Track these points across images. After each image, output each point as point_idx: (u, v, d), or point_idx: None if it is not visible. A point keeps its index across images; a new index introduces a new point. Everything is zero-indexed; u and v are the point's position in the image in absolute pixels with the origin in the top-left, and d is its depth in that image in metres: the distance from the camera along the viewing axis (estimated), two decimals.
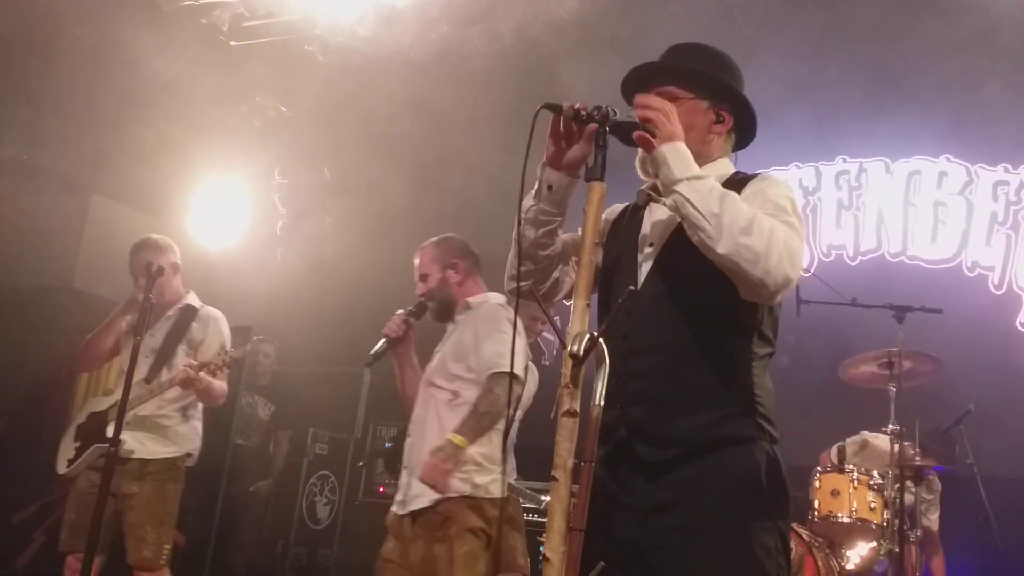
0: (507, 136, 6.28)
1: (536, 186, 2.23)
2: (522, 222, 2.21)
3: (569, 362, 1.93)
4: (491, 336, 3.50)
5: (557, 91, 5.61)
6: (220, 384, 4.39)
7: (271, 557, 6.01)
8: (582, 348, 1.91)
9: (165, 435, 4.33)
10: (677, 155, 2.04)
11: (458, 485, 3.38)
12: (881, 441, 5.09)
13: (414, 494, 3.41)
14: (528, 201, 2.22)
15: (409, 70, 6.17)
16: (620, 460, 2.12)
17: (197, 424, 4.52)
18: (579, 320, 1.97)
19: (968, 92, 6.07)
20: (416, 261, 3.82)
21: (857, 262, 6.84)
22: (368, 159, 6.69)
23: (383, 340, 3.63)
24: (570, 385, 1.92)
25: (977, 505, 4.83)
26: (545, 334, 6.02)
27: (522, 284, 2.27)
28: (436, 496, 3.36)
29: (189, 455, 4.42)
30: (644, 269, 2.15)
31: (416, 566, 3.39)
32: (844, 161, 7.00)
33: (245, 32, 6.88)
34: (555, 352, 6.23)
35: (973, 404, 4.96)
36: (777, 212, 2.06)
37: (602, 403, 1.93)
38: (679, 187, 2.02)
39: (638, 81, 2.30)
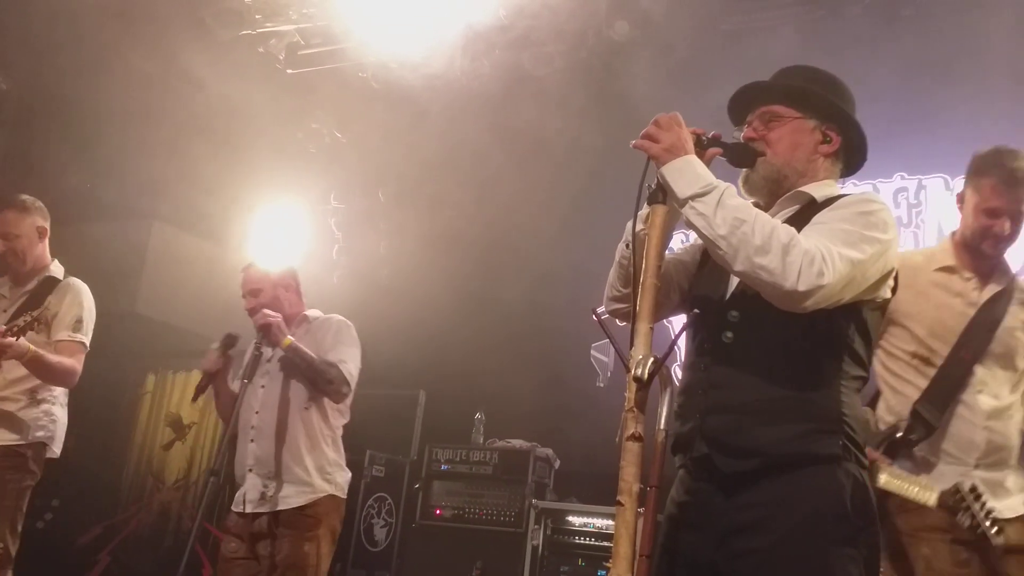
0: (561, 157, 6.33)
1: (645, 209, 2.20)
2: (629, 245, 2.18)
3: (633, 386, 1.92)
4: (351, 346, 4.02)
5: (618, 113, 5.64)
6: (61, 360, 3.91)
7: None
8: (646, 372, 1.91)
9: (7, 420, 3.89)
10: (675, 174, 2.02)
11: (324, 486, 3.83)
12: None
13: (282, 495, 3.75)
14: (640, 225, 2.17)
15: (460, 95, 6.23)
16: (698, 476, 2.09)
17: (53, 408, 4.04)
18: (643, 343, 1.96)
19: (1021, 101, 5.95)
20: (244, 277, 4.13)
21: None
22: (422, 183, 6.76)
23: (203, 375, 3.94)
24: (635, 409, 1.91)
25: None
26: (598, 355, 6.00)
27: (623, 307, 2.28)
28: (309, 498, 3.77)
29: (43, 444, 3.97)
30: (734, 281, 2.11)
31: (282, 562, 3.68)
32: (902, 178, 6.88)
33: (301, 60, 7.01)
34: (609, 374, 6.20)
35: None
36: (845, 220, 2.03)
37: (667, 427, 1.93)
38: (684, 210, 2.00)
39: (745, 100, 2.30)
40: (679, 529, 2.08)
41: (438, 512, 5.86)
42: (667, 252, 2.28)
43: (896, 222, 6.10)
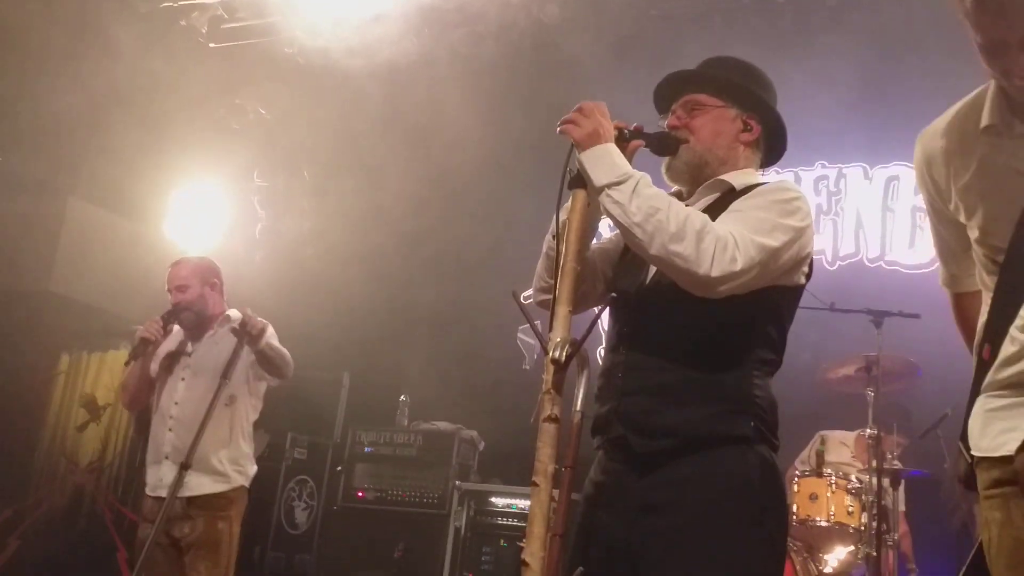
0: (490, 138, 6.31)
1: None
2: (556, 237, 2.18)
3: (551, 368, 1.93)
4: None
5: (541, 96, 5.64)
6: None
7: (248, 563, 5.97)
8: (564, 354, 1.92)
9: None
10: (593, 161, 2.05)
11: (237, 477, 4.05)
12: (837, 434, 5.24)
13: (198, 483, 3.91)
14: (562, 215, 2.18)
15: (388, 72, 6.15)
16: (614, 456, 2.13)
17: None
18: (561, 326, 1.98)
19: (948, 98, 6.12)
20: (172, 272, 4.23)
21: (836, 267, 6.87)
22: (348, 162, 6.67)
23: (140, 340, 3.99)
24: (552, 391, 1.92)
25: (955, 509, 4.85)
26: (524, 338, 6.02)
27: (550, 298, 2.27)
28: (224, 487, 3.97)
29: None
30: (652, 268, 2.14)
31: (197, 540, 3.88)
32: (823, 167, 7.03)
33: (224, 34, 6.85)
34: (536, 357, 6.24)
35: (951, 408, 4.98)
36: (761, 208, 2.07)
37: (583, 409, 1.94)
38: (601, 198, 2.04)
39: (670, 90, 2.34)
40: (595, 509, 2.12)
41: (360, 494, 5.84)
42: (595, 241, 2.31)
43: (816, 209, 6.25)
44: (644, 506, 2.02)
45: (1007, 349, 1.68)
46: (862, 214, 6.88)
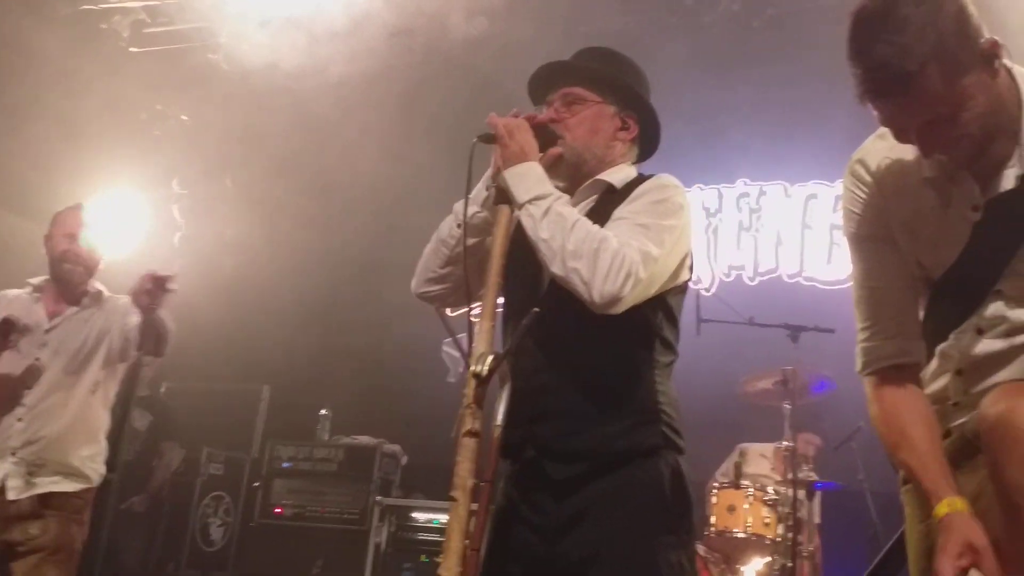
0: (414, 148, 6.28)
1: (485, 194, 2.22)
2: (463, 227, 2.19)
3: (472, 382, 1.92)
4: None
5: (462, 105, 5.64)
6: None
7: None
8: (486, 368, 1.91)
9: None
10: (517, 178, 2.07)
11: (94, 477, 3.66)
12: (757, 447, 5.34)
13: (51, 481, 3.51)
14: (472, 208, 2.20)
15: (313, 81, 6.09)
16: (529, 479, 2.11)
17: None
18: (484, 340, 1.97)
19: (865, 119, 6.33)
20: (69, 215, 3.83)
21: (756, 282, 7.02)
22: (272, 170, 6.57)
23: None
24: (473, 405, 1.91)
25: (866, 520, 4.97)
26: (449, 351, 6.00)
27: (437, 289, 2.28)
28: (81, 486, 3.59)
29: None
30: (546, 280, 2.12)
31: (50, 543, 3.49)
32: (745, 184, 7.19)
33: (146, 39, 6.68)
34: (460, 370, 6.22)
35: (864, 421, 5.11)
36: (643, 212, 2.08)
37: (504, 423, 1.94)
38: (520, 212, 2.05)
39: (547, 80, 2.31)
40: (511, 524, 2.11)
41: (278, 510, 5.73)
42: None
43: (738, 226, 6.37)
44: (562, 523, 2.03)
45: (931, 365, 1.82)
46: (782, 231, 7.05)
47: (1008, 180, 1.67)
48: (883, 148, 1.85)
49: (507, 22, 5.90)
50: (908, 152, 1.78)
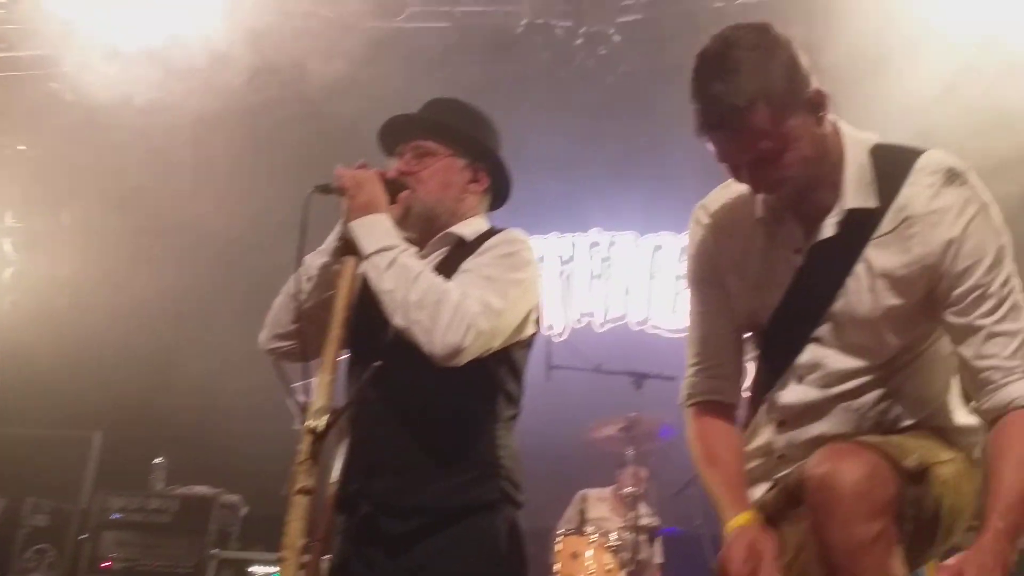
0: (257, 191, 6.14)
1: (333, 245, 2.16)
2: (310, 280, 2.14)
3: (308, 438, 1.88)
4: None
5: (317, 151, 5.58)
6: None
7: None
8: (322, 423, 1.87)
9: None
10: (364, 229, 2.05)
11: None
12: (596, 492, 5.49)
13: None
14: (319, 259, 2.16)
15: (163, 117, 5.90)
16: (363, 534, 2.08)
17: None
18: (323, 395, 1.93)
19: (712, 173, 6.64)
20: None
21: (605, 329, 7.21)
22: (112, 207, 6.31)
23: None
24: (307, 462, 1.87)
25: (703, 564, 5.12)
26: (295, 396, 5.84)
27: (287, 345, 2.20)
28: None
29: None
30: (391, 332, 2.08)
31: None
32: (597, 233, 7.39)
33: None
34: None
35: None
36: (489, 265, 2.09)
37: (340, 479, 1.90)
38: (364, 264, 2.04)
39: (397, 132, 2.30)
40: None
41: (107, 564, 5.40)
42: None
43: (589, 273, 6.51)
44: None
45: (758, 415, 1.93)
46: (630, 279, 7.28)
47: (828, 228, 1.79)
48: (724, 194, 1.99)
49: (368, 68, 5.91)
50: (745, 196, 1.91)
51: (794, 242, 1.85)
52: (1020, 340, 1.73)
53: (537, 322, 2.24)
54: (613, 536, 4.92)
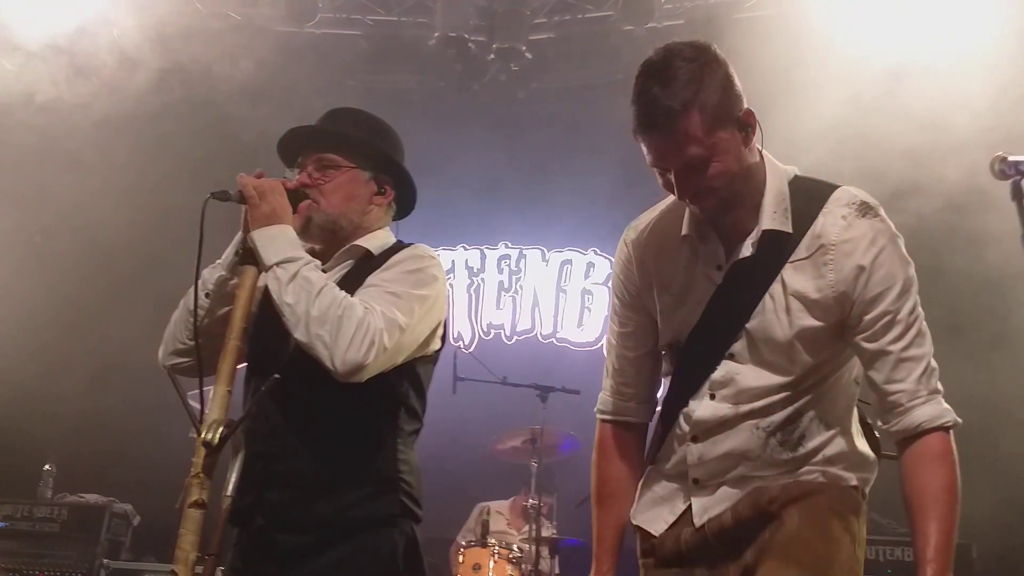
0: (156, 199, 5.99)
1: (234, 260, 2.12)
2: (208, 296, 2.10)
3: (202, 451, 1.85)
4: None
5: (224, 157, 5.49)
6: None
7: None
8: (217, 436, 1.84)
9: None
10: (267, 240, 2.03)
11: None
12: (495, 504, 5.55)
13: None
14: (217, 273, 2.12)
15: (58, 114, 5.71)
16: (256, 549, 2.05)
17: None
18: (219, 406, 1.90)
19: (619, 191, 6.79)
20: None
21: (513, 342, 7.26)
22: (3, 204, 6.07)
23: None
24: (201, 475, 1.84)
25: None
26: (192, 404, 5.71)
27: (185, 362, 2.17)
28: None
29: None
30: (292, 344, 2.05)
31: None
32: (507, 246, 7.45)
33: None
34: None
35: None
36: (395, 281, 2.09)
37: (234, 493, 1.87)
38: (267, 274, 2.02)
39: (299, 143, 2.27)
40: None
41: None
42: None
43: (498, 286, 6.52)
44: None
45: (674, 430, 1.98)
46: (539, 293, 7.35)
47: (747, 248, 1.88)
48: (653, 215, 2.07)
49: (276, 73, 5.84)
50: (672, 216, 2.00)
51: (716, 259, 1.92)
52: (924, 365, 1.83)
53: (443, 338, 2.24)
54: (515, 548, 4.95)
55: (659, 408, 2.09)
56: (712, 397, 1.91)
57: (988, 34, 5.09)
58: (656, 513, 1.98)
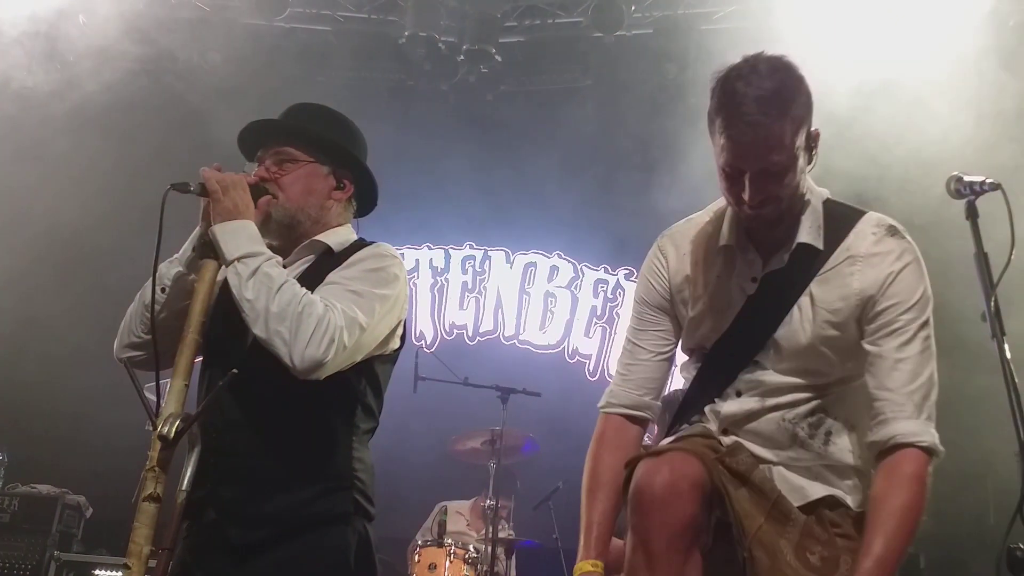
0: (116, 186, 5.92)
1: (191, 255, 2.11)
2: (165, 291, 2.09)
3: (158, 444, 1.85)
4: None
5: (171, 142, 5.43)
6: None
7: None
8: (173, 430, 1.84)
9: None
10: (228, 235, 2.02)
11: None
12: (455, 504, 5.56)
13: None
14: (174, 269, 2.11)
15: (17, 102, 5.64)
16: (207, 543, 2.04)
17: None
18: (175, 400, 1.89)
19: (582, 200, 6.84)
20: None
21: (476, 343, 7.27)
22: None
23: None
24: (156, 468, 1.83)
25: None
26: (150, 396, 5.66)
27: (140, 355, 2.15)
28: None
29: None
30: (250, 338, 2.04)
31: None
32: (471, 247, 7.45)
33: None
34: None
35: (562, 482, 5.40)
36: (357, 279, 2.09)
37: (189, 487, 1.86)
38: (227, 269, 2.01)
39: (258, 136, 2.26)
40: None
41: None
42: None
43: (462, 287, 6.52)
44: None
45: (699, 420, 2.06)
46: (502, 295, 7.37)
47: (781, 260, 1.98)
48: (690, 226, 2.14)
49: (243, 65, 5.80)
50: (711, 227, 2.08)
51: (752, 270, 2.00)
52: (919, 383, 1.87)
53: (402, 337, 2.25)
54: (472, 548, 4.96)
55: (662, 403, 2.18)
56: (739, 395, 2.01)
57: (951, 53, 5.18)
58: None
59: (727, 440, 1.99)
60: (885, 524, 1.78)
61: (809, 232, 1.95)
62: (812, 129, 1.90)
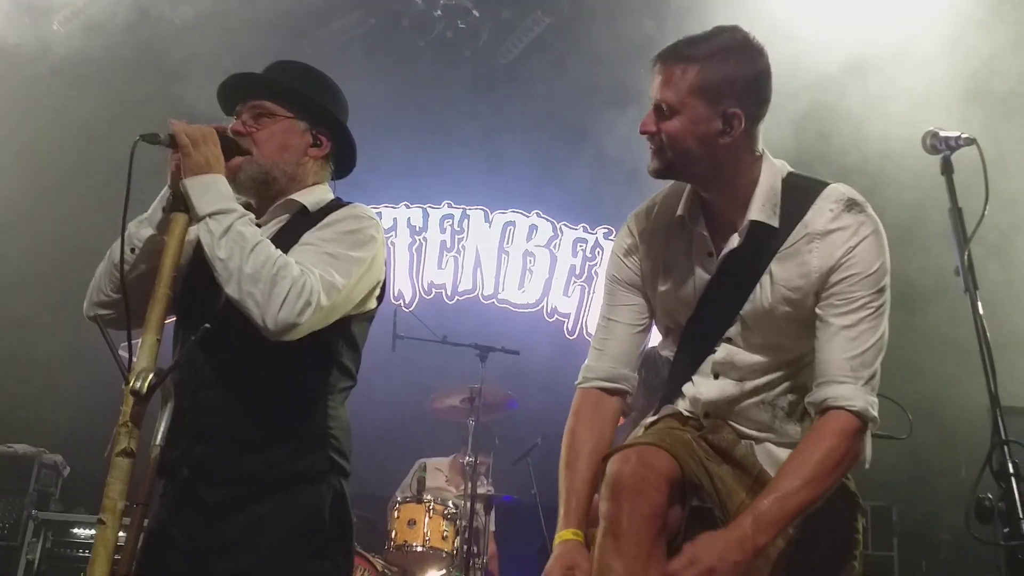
0: (95, 145, 5.84)
1: (161, 217, 2.06)
2: (135, 251, 2.06)
3: (130, 399, 1.84)
4: None
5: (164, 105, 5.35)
6: None
7: None
8: (146, 385, 1.83)
9: None
10: (199, 189, 1.98)
11: None
12: (434, 461, 5.61)
13: None
14: (144, 230, 2.07)
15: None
16: (181, 501, 2.04)
17: None
18: (147, 355, 1.88)
19: (560, 158, 6.80)
20: None
21: (454, 302, 7.26)
22: None
23: None
24: (129, 423, 1.83)
25: (537, 532, 5.27)
26: (124, 354, 5.63)
27: (109, 314, 2.12)
28: None
29: None
30: (223, 295, 2.01)
31: None
32: (449, 206, 7.41)
33: None
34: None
35: (540, 438, 5.44)
36: (332, 241, 2.07)
37: (163, 443, 1.86)
38: (199, 226, 1.98)
39: (237, 91, 2.23)
40: (161, 551, 2.03)
41: None
42: None
43: (440, 246, 6.50)
44: (212, 547, 1.98)
45: (678, 403, 2.10)
46: (481, 254, 7.34)
47: (735, 240, 2.00)
48: (655, 203, 2.17)
49: (214, 19, 5.70)
50: (673, 200, 2.10)
51: (706, 246, 2.03)
52: (861, 351, 1.90)
53: (379, 298, 2.23)
54: (451, 504, 5.00)
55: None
56: (716, 376, 2.04)
57: (920, 28, 5.20)
58: None
59: (708, 422, 2.04)
60: (796, 469, 1.83)
61: (762, 210, 1.96)
62: (732, 108, 1.89)
